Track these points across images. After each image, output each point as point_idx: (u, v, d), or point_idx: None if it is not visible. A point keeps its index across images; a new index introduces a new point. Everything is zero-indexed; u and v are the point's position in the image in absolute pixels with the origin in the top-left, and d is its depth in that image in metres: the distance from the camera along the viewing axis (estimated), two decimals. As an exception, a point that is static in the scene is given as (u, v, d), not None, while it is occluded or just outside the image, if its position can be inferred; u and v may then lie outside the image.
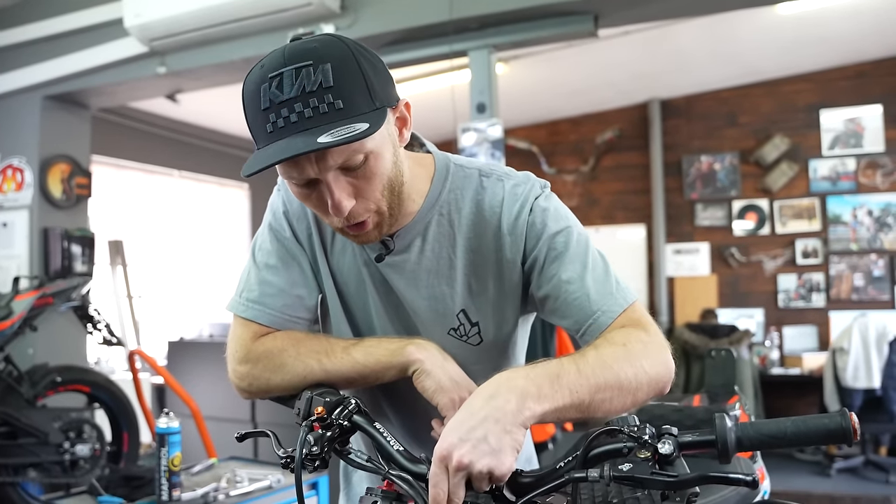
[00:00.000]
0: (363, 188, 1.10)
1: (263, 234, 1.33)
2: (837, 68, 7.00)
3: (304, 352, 1.23)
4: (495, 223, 1.24)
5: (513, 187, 1.25)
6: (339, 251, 1.31)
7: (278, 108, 1.01)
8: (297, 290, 1.30)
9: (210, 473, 2.82)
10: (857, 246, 6.96)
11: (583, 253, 1.22)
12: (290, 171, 1.07)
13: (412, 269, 1.26)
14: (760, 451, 1.29)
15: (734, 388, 2.34)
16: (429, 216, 1.25)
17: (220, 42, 4.21)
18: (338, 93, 1.01)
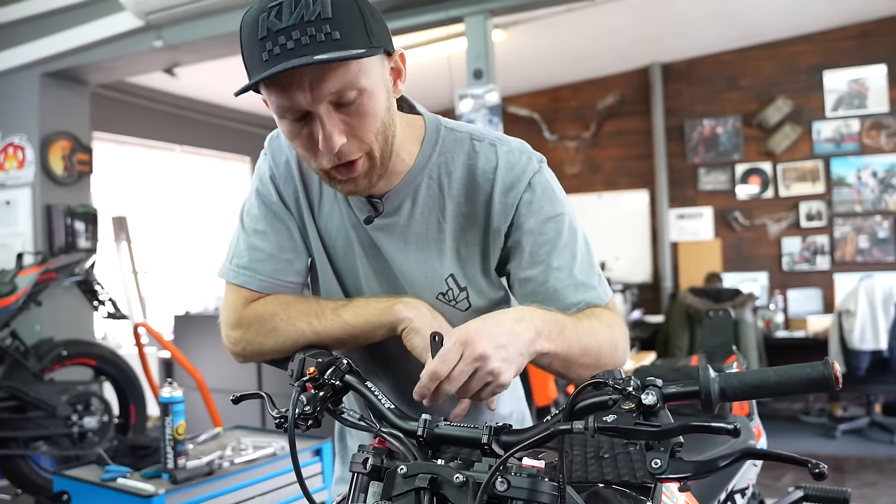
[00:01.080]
0: (356, 126, 1.09)
1: (251, 200, 1.33)
2: (840, 28, 6.92)
3: (294, 315, 1.24)
4: (488, 190, 1.24)
5: (507, 154, 1.24)
6: (326, 214, 1.30)
7: (275, 35, 1.01)
8: (285, 254, 1.30)
9: (215, 442, 2.86)
10: (862, 208, 6.93)
11: (573, 241, 1.25)
12: (281, 101, 1.06)
13: (401, 233, 1.26)
14: (746, 400, 1.29)
15: (732, 349, 2.35)
16: (418, 179, 1.25)
17: (216, 14, 4.19)
18: (335, 24, 1.01)
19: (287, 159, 1.30)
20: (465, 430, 1.07)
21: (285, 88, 1.04)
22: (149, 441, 2.77)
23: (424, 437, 1.07)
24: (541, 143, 7.90)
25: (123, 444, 2.80)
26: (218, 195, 7.68)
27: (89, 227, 5.15)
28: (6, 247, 5.03)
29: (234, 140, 7.84)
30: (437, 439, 1.07)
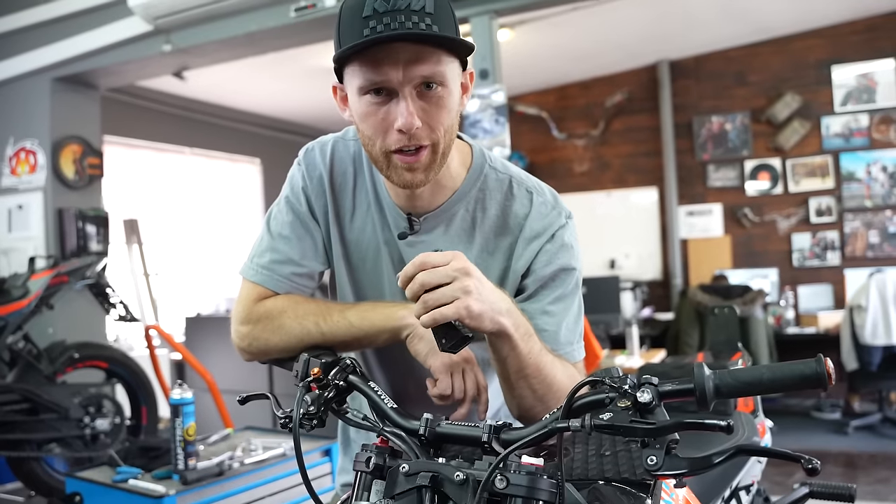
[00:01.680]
0: (433, 115, 1.15)
1: (280, 206, 1.38)
2: (848, 23, 6.89)
3: (301, 314, 1.28)
4: (515, 234, 1.31)
5: (540, 205, 1.32)
6: (358, 227, 1.35)
7: (381, 16, 1.07)
8: (306, 261, 1.35)
9: (226, 443, 2.88)
10: (872, 203, 6.90)
11: (572, 298, 1.32)
12: (371, 75, 1.11)
13: None
14: (740, 397, 1.31)
15: (737, 345, 2.36)
16: (456, 208, 1.31)
17: (224, 18, 4.23)
18: (436, 20, 1.08)
19: (321, 174, 1.35)
20: (465, 429, 1.08)
21: (380, 63, 1.10)
22: (160, 442, 2.80)
23: (426, 436, 1.09)
24: (549, 141, 7.91)
25: (135, 445, 2.83)
26: (228, 197, 7.72)
27: (100, 231, 5.20)
28: (19, 250, 5.08)
29: (244, 142, 7.88)
30: (439, 438, 1.09)
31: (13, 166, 5.23)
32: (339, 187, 1.35)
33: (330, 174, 1.35)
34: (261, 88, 6.99)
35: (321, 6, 3.90)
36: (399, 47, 1.08)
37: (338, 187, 1.35)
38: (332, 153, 1.36)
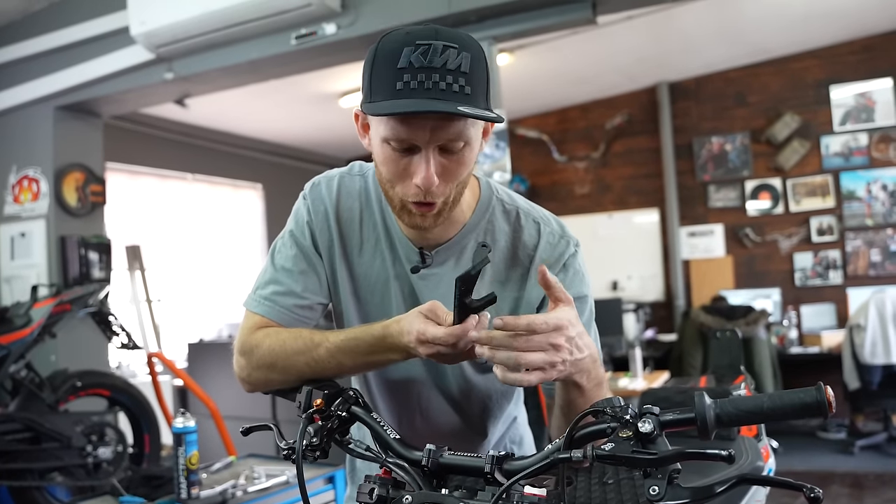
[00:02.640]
0: (451, 171, 1.17)
1: (284, 239, 1.39)
2: (845, 43, 6.94)
3: (290, 352, 1.27)
4: (526, 264, 1.33)
5: (549, 235, 1.34)
6: (367, 262, 1.36)
7: (416, 71, 1.07)
8: (309, 294, 1.35)
9: (229, 471, 2.87)
10: (873, 221, 6.91)
11: (589, 324, 1.32)
12: (399, 133, 1.12)
13: (445, 286, 1.32)
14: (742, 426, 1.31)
15: (740, 369, 2.36)
16: (466, 240, 1.32)
17: (225, 46, 4.26)
18: (469, 80, 1.09)
19: (326, 210, 1.36)
20: (468, 459, 1.09)
21: (409, 123, 1.11)
22: (163, 471, 2.79)
23: (429, 467, 1.09)
24: (550, 164, 7.94)
25: (138, 474, 2.82)
26: (230, 223, 7.74)
27: (103, 258, 5.21)
28: (21, 278, 5.09)
29: (246, 168, 7.91)
30: (442, 468, 1.10)
31: (16, 194, 5.25)
32: (346, 222, 1.36)
33: (336, 209, 1.36)
34: (262, 114, 7.03)
35: (322, 34, 3.94)
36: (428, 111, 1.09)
37: (344, 222, 1.36)
38: (339, 188, 1.37)
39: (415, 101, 1.07)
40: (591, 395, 1.17)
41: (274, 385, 1.33)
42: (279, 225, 5.70)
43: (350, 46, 4.04)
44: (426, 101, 1.07)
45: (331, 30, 3.92)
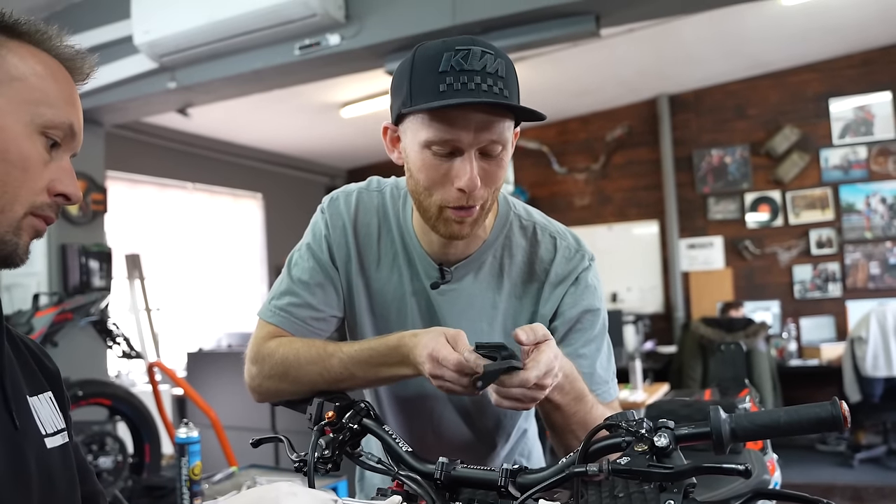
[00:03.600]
0: (491, 175, 1.18)
1: (301, 252, 1.39)
2: (844, 57, 6.97)
3: (304, 362, 1.27)
4: (542, 279, 1.34)
5: (564, 249, 1.35)
6: (384, 278, 1.36)
7: (458, 74, 1.10)
8: (324, 307, 1.36)
9: (230, 482, 2.86)
10: (872, 234, 6.92)
11: (601, 337, 1.35)
12: (442, 134, 1.13)
13: (460, 301, 1.33)
14: (757, 440, 1.31)
15: (745, 382, 2.35)
16: (484, 256, 1.33)
17: (228, 56, 4.27)
18: (506, 84, 1.12)
19: (344, 224, 1.37)
20: (481, 473, 1.09)
21: (453, 122, 1.12)
22: (165, 481, 2.79)
23: (442, 480, 1.09)
24: (550, 175, 7.95)
25: (139, 484, 2.81)
26: (230, 232, 7.73)
27: (103, 266, 5.20)
28: (22, 286, 5.07)
29: (246, 177, 7.91)
30: (455, 482, 1.09)
31: (17, 203, 5.23)
32: (364, 238, 1.37)
33: (354, 225, 1.36)
34: (263, 124, 7.04)
35: (325, 44, 3.95)
36: (473, 110, 1.11)
37: (362, 238, 1.37)
38: (357, 203, 1.38)
39: (465, 100, 1.09)
40: (570, 409, 1.20)
41: (285, 395, 1.33)
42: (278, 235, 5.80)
43: (354, 57, 4.05)
44: (479, 97, 1.10)
45: (334, 41, 3.93)
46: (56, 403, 1.04)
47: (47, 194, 0.92)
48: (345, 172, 9.25)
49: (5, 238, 0.89)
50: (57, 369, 1.09)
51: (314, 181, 8.94)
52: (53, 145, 0.93)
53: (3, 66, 0.88)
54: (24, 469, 0.89)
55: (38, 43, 0.93)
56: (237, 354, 4.91)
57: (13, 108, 0.88)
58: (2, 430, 0.88)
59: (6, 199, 0.87)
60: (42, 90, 0.91)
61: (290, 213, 8.38)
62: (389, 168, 1.38)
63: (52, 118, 0.91)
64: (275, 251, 8.09)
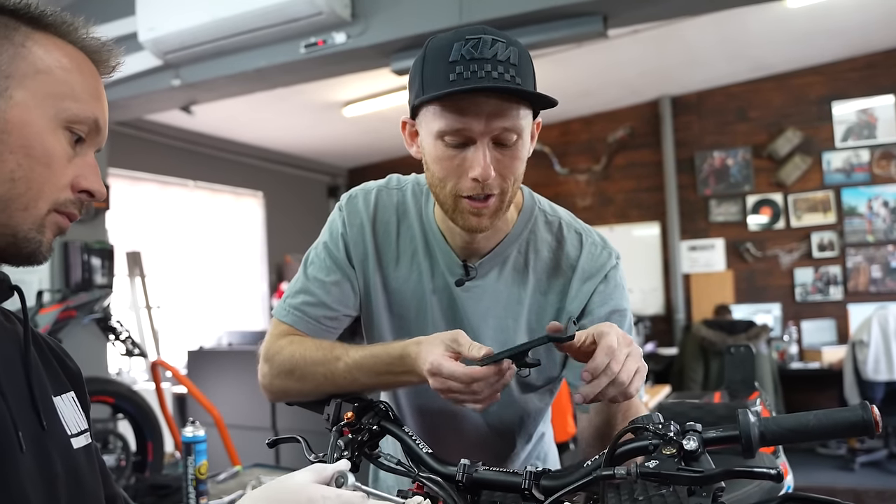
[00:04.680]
0: (506, 165, 1.16)
1: (318, 250, 1.38)
2: (847, 60, 6.97)
3: (310, 362, 1.27)
4: (568, 275, 1.32)
5: (590, 246, 1.34)
6: (403, 276, 1.35)
7: (468, 63, 1.09)
8: (339, 307, 1.35)
9: (235, 481, 2.84)
10: (874, 238, 6.92)
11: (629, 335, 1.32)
12: (454, 123, 1.12)
13: (485, 298, 1.32)
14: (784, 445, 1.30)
15: (754, 384, 2.35)
16: (508, 250, 1.32)
17: (234, 53, 4.25)
18: (519, 72, 1.11)
19: (362, 223, 1.35)
20: (504, 475, 1.08)
21: (463, 111, 1.11)
22: (169, 480, 2.77)
23: (463, 482, 1.08)
24: (551, 176, 7.94)
25: (144, 483, 2.80)
26: (231, 230, 7.72)
27: (105, 264, 5.17)
28: (24, 283, 4.99)
29: (248, 175, 7.89)
30: (477, 484, 1.08)
31: (19, 199, 5.21)
32: (382, 236, 1.36)
33: (373, 223, 1.35)
34: (265, 122, 7.02)
35: (331, 43, 3.93)
36: (483, 98, 1.10)
37: (381, 236, 1.35)
38: (376, 202, 1.36)
39: (473, 86, 1.09)
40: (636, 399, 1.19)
41: (292, 394, 1.32)
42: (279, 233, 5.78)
43: (359, 56, 4.04)
44: (487, 84, 1.09)
45: (340, 39, 3.91)
46: (79, 403, 1.02)
47: (71, 191, 0.90)
48: (346, 171, 9.23)
49: (28, 236, 0.87)
50: (78, 369, 1.08)
51: (315, 180, 8.93)
52: (78, 140, 0.91)
53: (29, 59, 0.86)
54: (51, 470, 0.88)
55: (64, 34, 0.91)
56: (238, 353, 4.96)
57: (38, 102, 0.86)
58: (30, 431, 0.86)
59: (29, 195, 0.86)
60: (67, 83, 0.89)
61: (291, 211, 8.37)
62: (392, 167, 1.39)
63: (77, 112, 0.89)
64: (275, 250, 8.07)
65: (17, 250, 0.88)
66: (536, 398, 1.38)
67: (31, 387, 0.89)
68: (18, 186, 0.84)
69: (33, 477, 0.84)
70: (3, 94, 0.84)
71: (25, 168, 0.85)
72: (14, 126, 0.84)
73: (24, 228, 0.87)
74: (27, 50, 0.86)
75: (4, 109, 0.84)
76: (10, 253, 0.88)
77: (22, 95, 0.85)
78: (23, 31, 0.87)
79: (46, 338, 1.06)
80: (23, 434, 0.84)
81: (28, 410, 0.88)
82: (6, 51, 0.85)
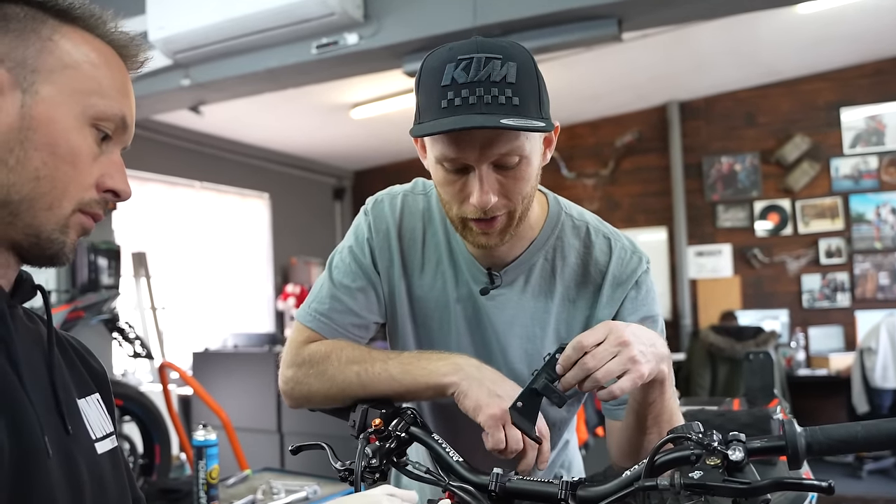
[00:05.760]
0: (509, 188, 1.13)
1: (343, 254, 1.35)
2: (856, 66, 6.94)
3: (345, 360, 1.24)
4: (598, 281, 1.29)
5: (620, 251, 1.30)
6: (427, 284, 1.32)
7: (459, 87, 1.05)
8: (364, 313, 1.32)
9: (245, 485, 2.81)
10: (882, 244, 6.89)
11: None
12: (448, 152, 1.10)
13: (511, 307, 1.29)
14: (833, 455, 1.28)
15: (773, 392, 2.32)
16: (535, 258, 1.29)
17: (244, 53, 4.24)
18: (517, 91, 1.06)
19: (388, 228, 1.33)
20: (539, 485, 1.05)
21: (456, 142, 1.08)
22: (179, 484, 2.75)
23: (496, 492, 1.05)
24: (559, 180, 7.91)
25: (154, 487, 2.77)
26: (236, 231, 7.70)
27: (112, 264, 5.15)
28: (30, 284, 5.02)
29: (254, 177, 7.89)
30: (510, 494, 1.06)
31: (25, 199, 5.19)
32: (408, 242, 1.33)
33: (398, 229, 1.33)
34: (272, 124, 7.01)
35: (343, 44, 3.91)
36: (475, 128, 1.06)
37: (406, 242, 1.33)
38: (402, 207, 1.34)
39: (459, 118, 1.04)
40: (670, 390, 1.14)
41: (316, 398, 1.28)
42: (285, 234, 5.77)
43: (371, 57, 4.02)
44: (470, 118, 1.04)
45: (353, 40, 3.89)
46: (104, 405, 0.99)
47: (96, 190, 0.88)
48: (352, 174, 9.21)
49: (52, 236, 0.84)
50: (103, 369, 1.05)
51: (321, 182, 8.91)
52: (104, 138, 0.88)
53: (56, 53, 0.83)
54: (76, 476, 0.85)
55: (92, 28, 0.88)
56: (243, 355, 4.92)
57: (64, 98, 0.83)
58: (55, 436, 0.83)
59: (54, 195, 0.83)
60: (95, 79, 0.86)
61: (297, 213, 8.36)
62: (398, 170, 1.37)
63: (105, 109, 0.86)
64: (281, 251, 8.06)
65: (40, 251, 0.85)
66: (563, 408, 1.35)
67: (56, 389, 0.87)
68: (43, 185, 0.82)
69: (60, 484, 0.81)
70: (30, 90, 0.81)
71: (50, 166, 0.82)
72: (40, 123, 0.81)
73: (47, 229, 0.84)
74: (54, 44, 0.84)
75: (30, 105, 0.81)
76: (33, 254, 0.86)
77: (48, 91, 0.82)
78: (50, 24, 0.84)
79: (69, 337, 1.03)
80: (48, 439, 0.81)
81: (53, 414, 0.85)
82: (33, 44, 0.82)
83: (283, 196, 8.22)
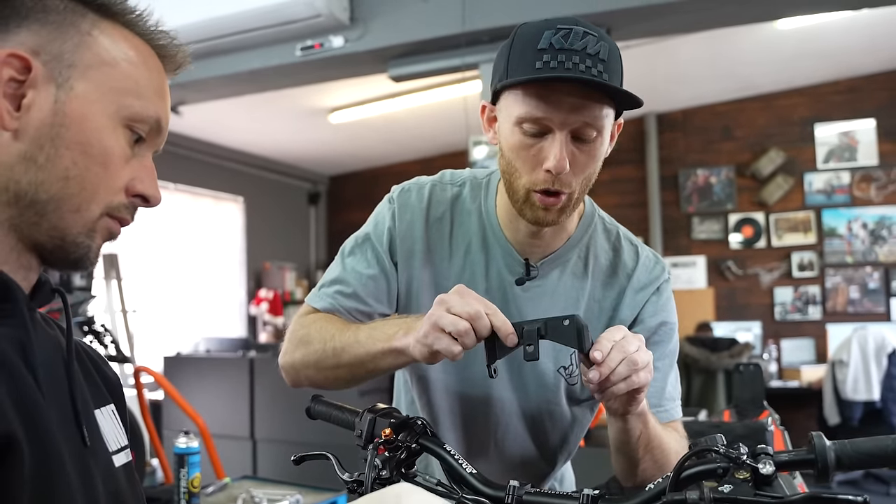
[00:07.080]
0: (581, 163, 1.13)
1: (358, 240, 1.34)
2: (831, 83, 7.05)
3: (325, 326, 1.24)
4: (623, 284, 1.31)
5: (645, 258, 1.33)
6: (455, 274, 1.31)
7: (557, 52, 1.06)
8: (370, 300, 1.30)
9: (224, 494, 2.76)
10: (853, 259, 6.99)
11: (674, 353, 1.34)
12: (534, 111, 1.09)
13: (545, 299, 1.29)
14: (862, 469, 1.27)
15: (763, 403, 2.32)
16: (570, 254, 1.30)
17: (227, 54, 4.18)
18: (607, 68, 1.08)
19: (412, 219, 1.31)
20: (558, 499, 1.02)
21: (545, 99, 1.08)
22: (157, 493, 2.68)
23: (513, 506, 1.02)
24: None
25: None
26: (210, 234, 7.61)
27: (84, 266, 5.05)
28: None
29: (229, 180, 7.81)
30: (528, 507, 1.03)
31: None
32: (435, 232, 1.31)
33: (425, 219, 1.31)
34: (249, 126, 6.94)
35: (328, 47, 3.88)
36: (567, 89, 1.07)
37: (433, 231, 1.31)
38: (430, 197, 1.32)
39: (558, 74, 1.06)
40: (652, 420, 1.16)
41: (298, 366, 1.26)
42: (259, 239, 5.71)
43: (356, 61, 3.99)
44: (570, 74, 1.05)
45: (338, 43, 3.86)
46: (118, 417, 0.95)
47: (125, 194, 0.84)
48: (327, 179, 9.14)
49: (78, 240, 0.80)
50: (117, 377, 1.00)
51: (297, 186, 8.84)
52: (137, 140, 0.84)
53: (94, 49, 0.79)
54: (92, 491, 0.80)
55: (132, 25, 0.84)
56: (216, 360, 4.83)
57: (99, 96, 0.79)
58: (73, 449, 0.79)
59: (83, 196, 0.79)
60: (132, 78, 0.82)
61: (271, 217, 8.28)
62: (374, 175, 1.34)
63: (140, 111, 0.82)
64: (254, 256, 7.98)
65: (64, 254, 0.81)
66: (579, 412, 1.34)
67: (75, 399, 0.82)
68: (72, 186, 0.78)
69: (78, 498, 0.77)
70: (64, 85, 0.77)
71: (81, 167, 0.78)
72: (73, 120, 0.77)
73: (73, 232, 0.80)
74: (93, 39, 0.80)
75: (64, 101, 0.77)
76: (56, 256, 0.81)
77: (84, 87, 0.78)
78: (90, 19, 0.80)
79: (84, 345, 0.98)
80: (67, 451, 0.77)
81: (71, 425, 0.81)
82: (71, 38, 0.78)
83: (257, 200, 8.14)
